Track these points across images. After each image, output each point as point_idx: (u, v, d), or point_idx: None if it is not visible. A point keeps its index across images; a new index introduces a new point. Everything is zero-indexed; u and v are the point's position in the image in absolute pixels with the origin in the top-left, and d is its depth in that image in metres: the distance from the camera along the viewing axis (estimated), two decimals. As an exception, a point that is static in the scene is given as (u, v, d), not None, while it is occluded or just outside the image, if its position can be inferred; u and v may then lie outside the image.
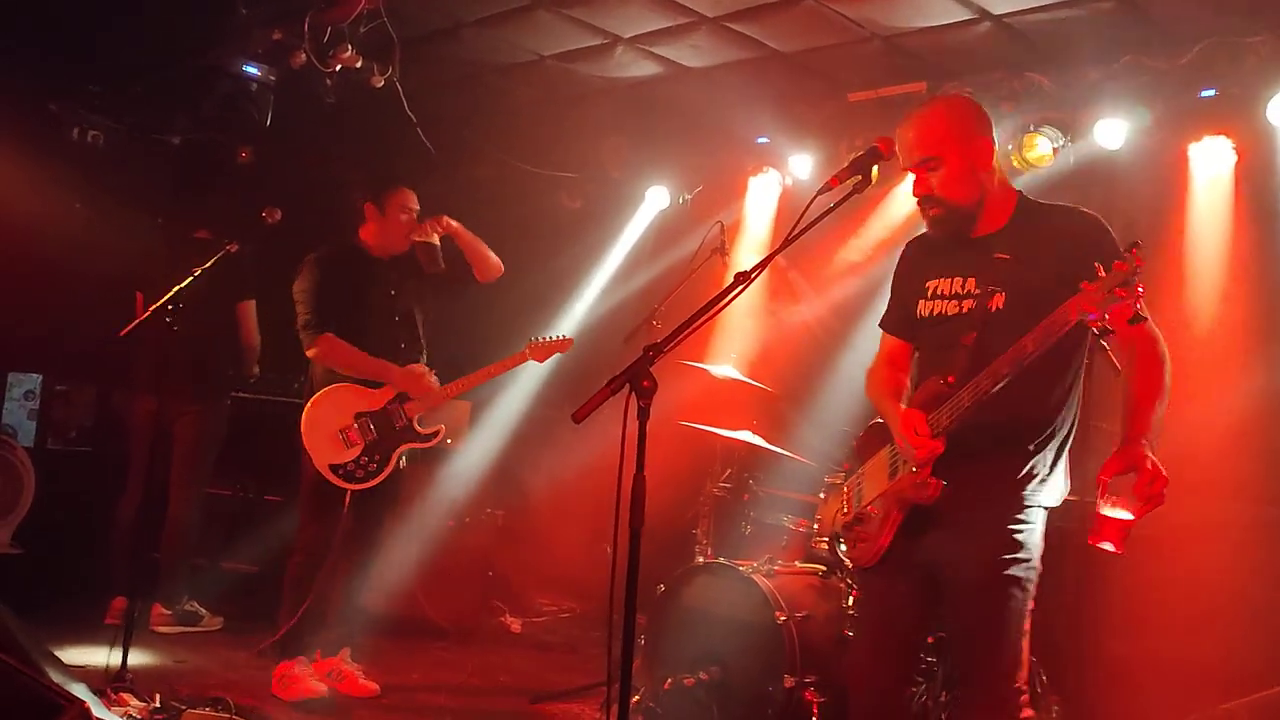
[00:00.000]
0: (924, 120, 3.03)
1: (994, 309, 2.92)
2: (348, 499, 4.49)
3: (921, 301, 3.11)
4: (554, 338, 5.01)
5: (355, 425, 4.56)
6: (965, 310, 2.98)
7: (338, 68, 5.76)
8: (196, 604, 5.51)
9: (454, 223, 4.87)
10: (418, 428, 4.70)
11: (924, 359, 3.16)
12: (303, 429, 4.52)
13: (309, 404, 4.59)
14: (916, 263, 3.22)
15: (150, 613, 5.36)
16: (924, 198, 3.00)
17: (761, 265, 2.76)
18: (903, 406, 3.03)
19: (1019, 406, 2.87)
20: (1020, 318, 2.79)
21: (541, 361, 5.00)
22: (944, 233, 3.06)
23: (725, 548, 4.97)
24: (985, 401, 2.79)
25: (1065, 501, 4.31)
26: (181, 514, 5.46)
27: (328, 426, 4.53)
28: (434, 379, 4.76)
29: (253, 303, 5.61)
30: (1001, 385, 2.76)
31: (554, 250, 7.24)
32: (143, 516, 5.32)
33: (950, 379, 2.89)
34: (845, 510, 3.30)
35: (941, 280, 3.07)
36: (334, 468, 4.49)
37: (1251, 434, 4.65)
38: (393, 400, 4.66)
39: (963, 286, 3.01)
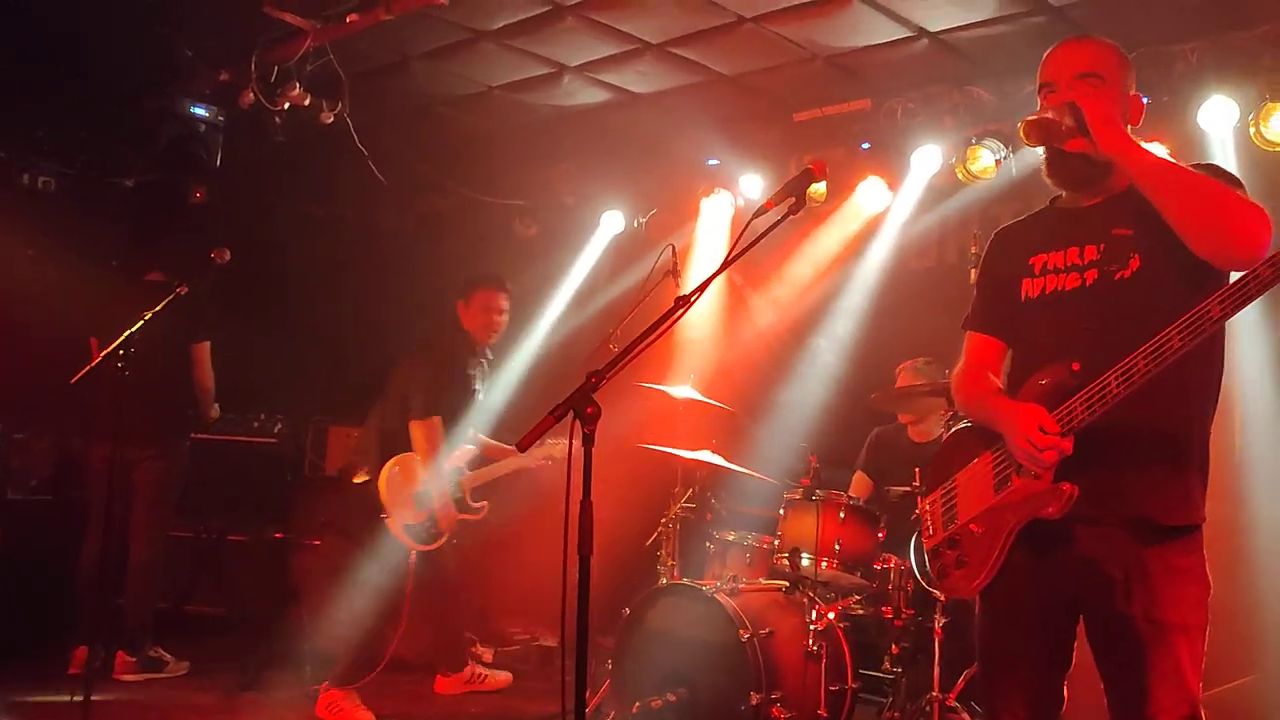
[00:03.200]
0: (1094, 41, 2.72)
1: (1123, 278, 2.47)
2: (413, 556, 4.96)
3: (1028, 280, 2.65)
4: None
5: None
6: (1089, 283, 2.53)
7: (286, 106, 5.79)
8: (161, 650, 5.45)
9: None
10: (470, 501, 5.20)
11: (1029, 350, 2.65)
12: (383, 489, 4.96)
13: (392, 465, 4.99)
14: (1013, 244, 2.77)
15: (114, 661, 5.30)
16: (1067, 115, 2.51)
17: (701, 288, 2.79)
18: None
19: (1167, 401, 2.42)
20: (1158, 292, 2.41)
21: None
22: (1072, 176, 2.60)
23: (690, 568, 4.99)
24: (1133, 392, 2.33)
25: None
26: (144, 559, 5.42)
27: (405, 489, 4.94)
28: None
29: (208, 344, 5.58)
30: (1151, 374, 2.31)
31: (510, 278, 7.22)
32: (104, 563, 5.27)
33: (1075, 366, 2.42)
34: (932, 532, 2.80)
35: (1053, 254, 2.61)
36: (407, 527, 4.91)
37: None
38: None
39: (1081, 256, 2.56)
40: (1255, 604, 4.35)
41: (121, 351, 4.19)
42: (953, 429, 2.96)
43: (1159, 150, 5.16)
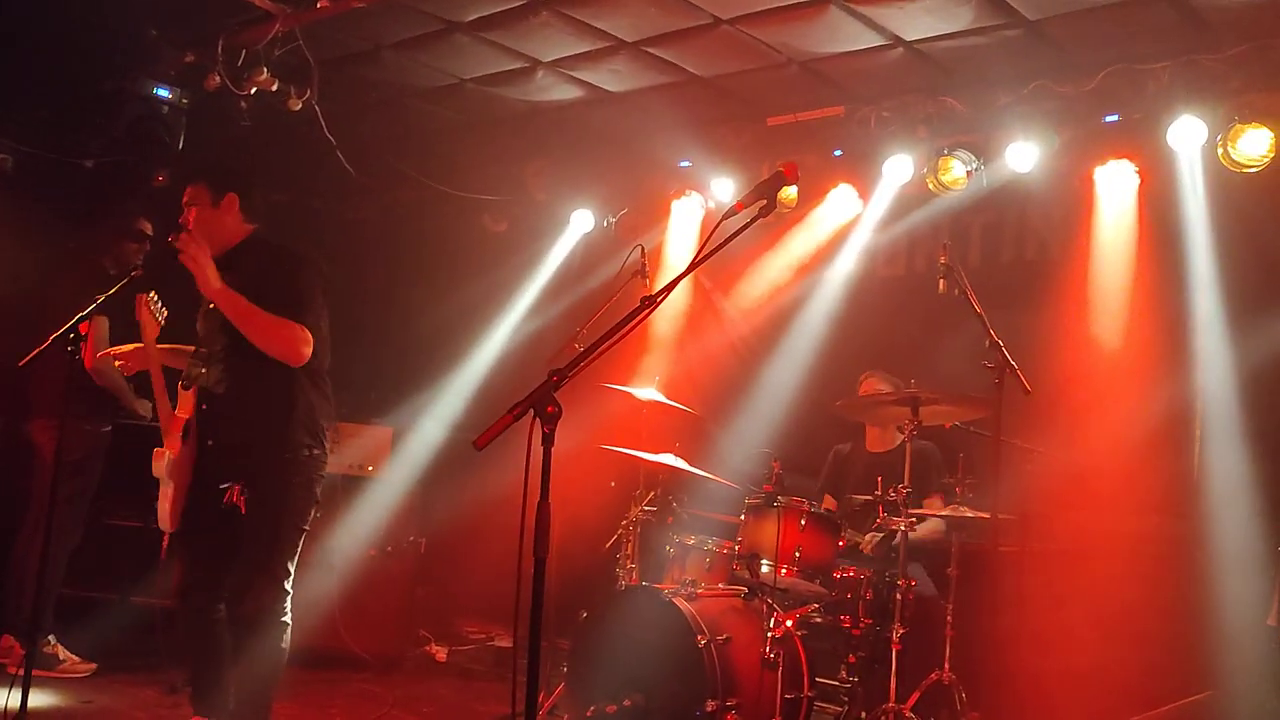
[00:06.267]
0: None
1: None
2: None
3: None
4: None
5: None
6: None
7: (253, 90, 5.68)
8: (60, 646, 5.19)
9: None
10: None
11: None
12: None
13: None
14: None
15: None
16: None
17: (668, 289, 2.75)
18: None
19: None
20: None
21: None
22: None
23: (649, 570, 4.95)
24: None
25: (979, 519, 4.43)
26: (52, 546, 5.20)
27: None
28: None
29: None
30: None
31: (478, 273, 7.19)
32: (46, 549, 5.12)
33: None
34: None
35: None
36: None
37: (1159, 449, 4.78)
38: None
39: None
40: (1211, 620, 4.38)
41: (72, 335, 4.06)
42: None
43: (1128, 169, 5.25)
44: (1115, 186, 5.30)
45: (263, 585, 3.81)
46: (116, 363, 4.22)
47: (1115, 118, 5.18)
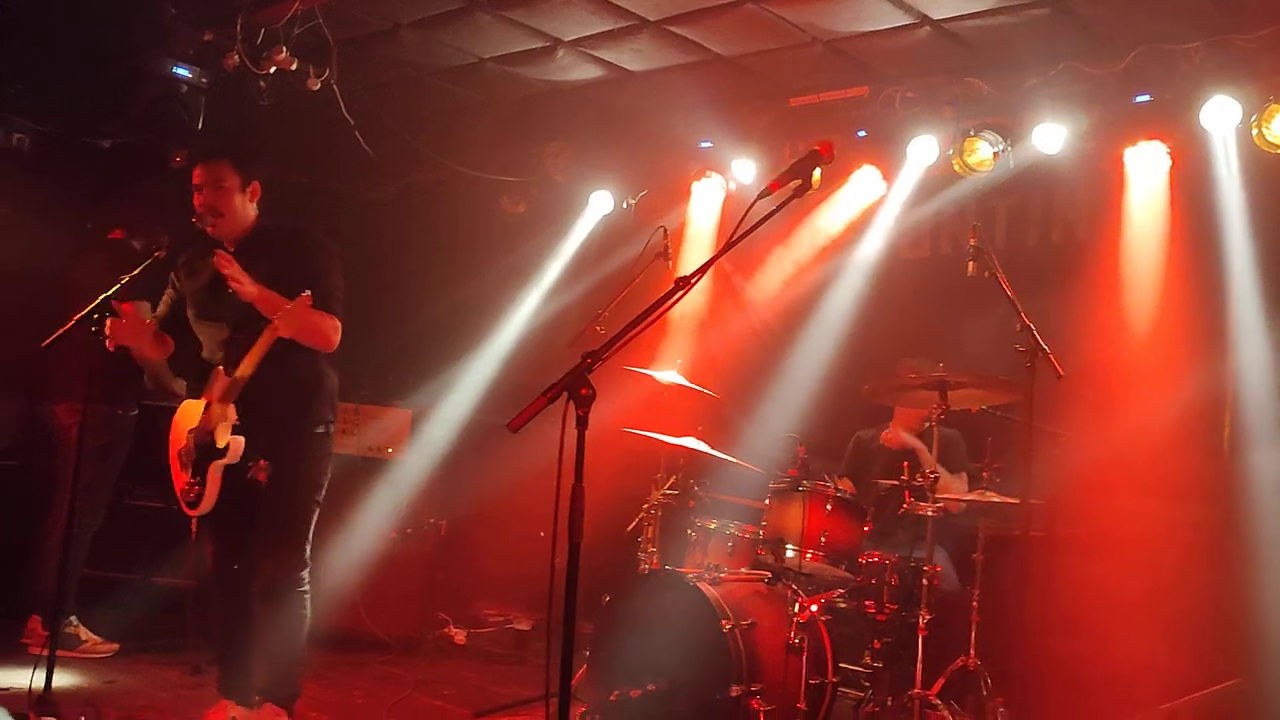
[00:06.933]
0: None
1: None
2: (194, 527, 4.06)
3: None
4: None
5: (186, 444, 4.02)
6: None
7: (272, 70, 5.63)
8: (81, 626, 5.21)
9: None
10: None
11: None
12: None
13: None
14: None
15: (25, 627, 5.12)
16: None
17: (702, 270, 2.72)
18: None
19: None
20: None
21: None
22: None
23: (670, 555, 4.92)
24: None
25: (1007, 504, 4.39)
26: (76, 527, 5.22)
27: (173, 447, 4.06)
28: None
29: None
30: None
31: (496, 255, 7.15)
32: (68, 532, 5.13)
33: None
34: None
35: None
36: (181, 493, 4.01)
37: (1192, 433, 4.72)
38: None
39: None
40: (1244, 607, 4.33)
41: (96, 315, 4.05)
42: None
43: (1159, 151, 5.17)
44: (1146, 168, 5.22)
45: (286, 555, 3.92)
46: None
47: (1146, 98, 5.10)
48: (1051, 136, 5.29)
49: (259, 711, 3.97)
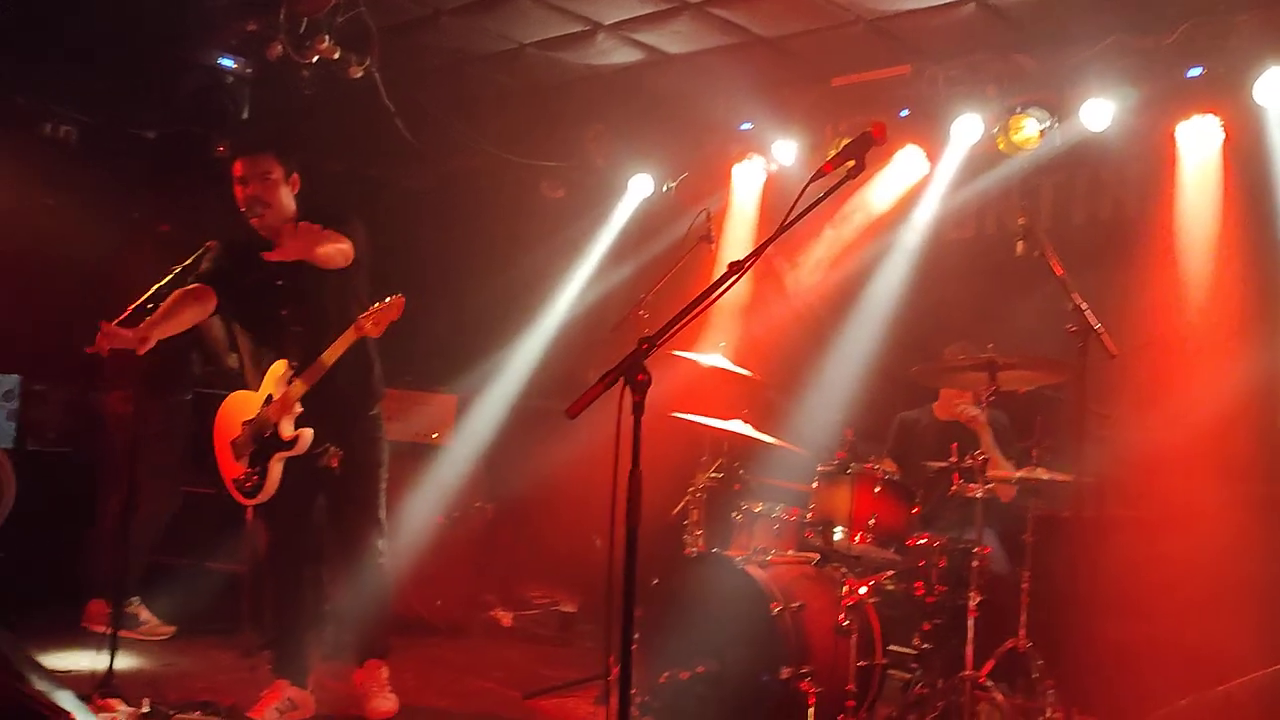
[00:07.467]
0: None
1: None
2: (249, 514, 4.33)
3: None
4: (383, 302, 3.98)
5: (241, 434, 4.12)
6: None
7: (315, 59, 5.66)
8: (142, 607, 5.35)
9: None
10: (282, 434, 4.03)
11: None
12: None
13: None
14: None
15: (86, 610, 5.24)
16: None
17: (756, 253, 2.71)
18: None
19: None
20: None
21: (378, 334, 4.00)
22: None
23: (716, 538, 4.92)
24: None
25: (1057, 483, 4.34)
26: (142, 511, 5.34)
27: (223, 437, 4.19)
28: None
29: None
30: None
31: (537, 240, 7.17)
32: (125, 517, 5.23)
33: None
34: None
35: None
36: (235, 482, 4.13)
37: (1246, 412, 4.65)
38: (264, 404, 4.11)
39: None
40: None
41: (150, 305, 4.11)
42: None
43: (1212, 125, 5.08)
44: (1198, 143, 5.12)
45: (367, 529, 4.14)
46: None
47: (1198, 71, 4.99)
48: (1100, 112, 5.20)
49: (363, 668, 4.25)
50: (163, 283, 4.22)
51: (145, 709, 3.89)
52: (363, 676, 4.24)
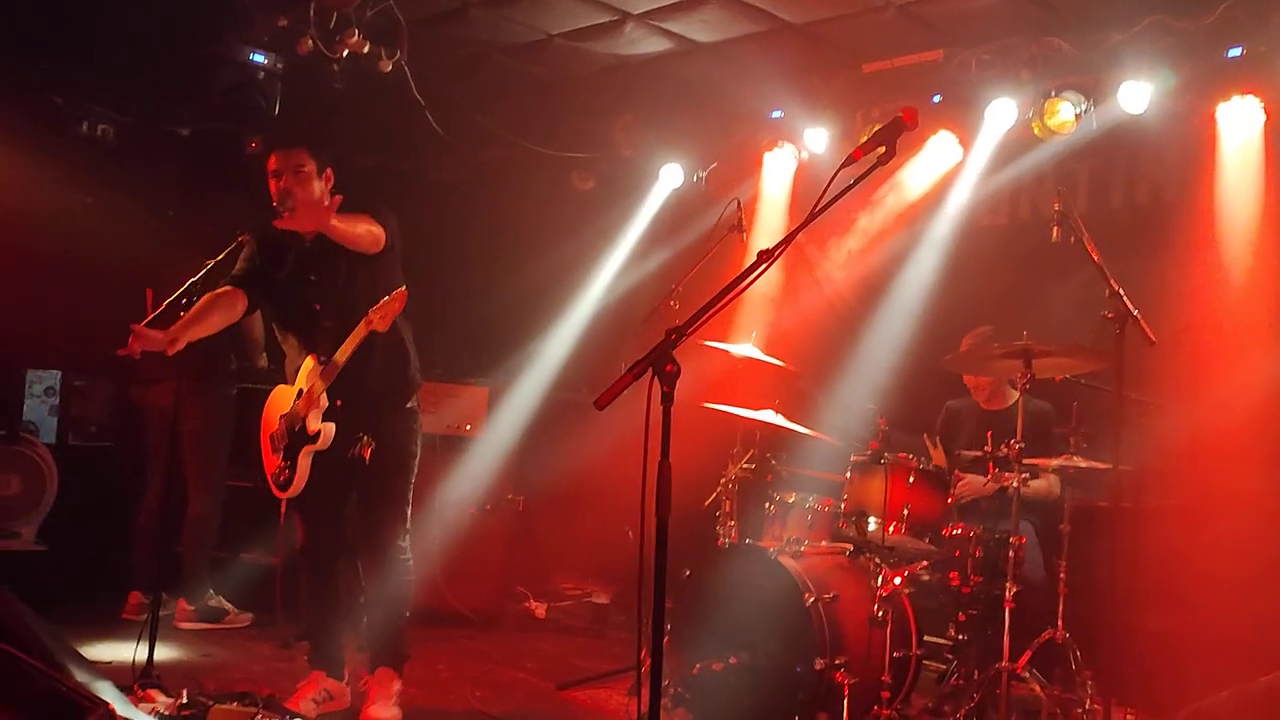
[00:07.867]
0: None
1: None
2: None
3: None
4: (389, 297, 3.89)
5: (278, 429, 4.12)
6: None
7: (345, 53, 5.68)
8: (221, 599, 5.50)
9: None
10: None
11: None
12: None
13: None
14: None
15: (175, 609, 5.35)
16: None
17: (786, 241, 2.69)
18: None
19: None
20: None
21: (384, 329, 3.89)
22: None
23: (748, 528, 4.91)
24: None
25: (1093, 470, 4.28)
26: (199, 507, 5.45)
27: (265, 431, 4.20)
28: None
29: None
30: None
31: (567, 232, 7.17)
32: (164, 511, 5.31)
33: None
34: None
35: None
36: (272, 476, 4.13)
37: (1287, 402, 4.55)
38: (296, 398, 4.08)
39: None
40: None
41: (184, 300, 4.15)
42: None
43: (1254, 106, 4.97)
44: (1239, 125, 5.01)
45: (391, 525, 4.11)
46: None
47: (1239, 51, 4.89)
48: (1137, 95, 5.11)
49: (373, 676, 4.17)
50: (196, 278, 4.25)
51: (184, 700, 3.93)
52: (372, 683, 4.16)
